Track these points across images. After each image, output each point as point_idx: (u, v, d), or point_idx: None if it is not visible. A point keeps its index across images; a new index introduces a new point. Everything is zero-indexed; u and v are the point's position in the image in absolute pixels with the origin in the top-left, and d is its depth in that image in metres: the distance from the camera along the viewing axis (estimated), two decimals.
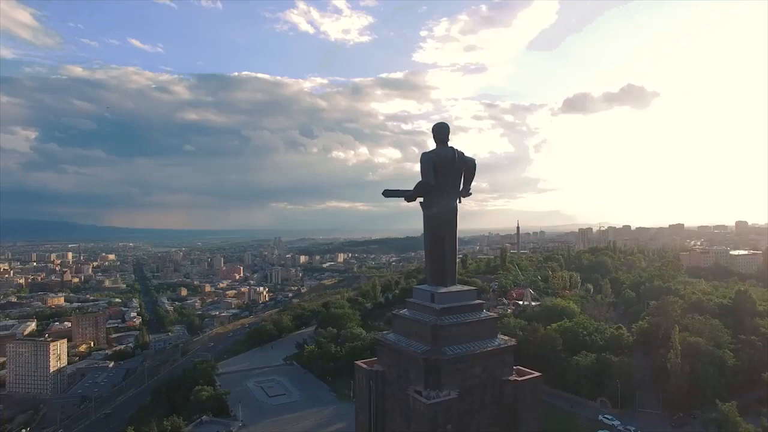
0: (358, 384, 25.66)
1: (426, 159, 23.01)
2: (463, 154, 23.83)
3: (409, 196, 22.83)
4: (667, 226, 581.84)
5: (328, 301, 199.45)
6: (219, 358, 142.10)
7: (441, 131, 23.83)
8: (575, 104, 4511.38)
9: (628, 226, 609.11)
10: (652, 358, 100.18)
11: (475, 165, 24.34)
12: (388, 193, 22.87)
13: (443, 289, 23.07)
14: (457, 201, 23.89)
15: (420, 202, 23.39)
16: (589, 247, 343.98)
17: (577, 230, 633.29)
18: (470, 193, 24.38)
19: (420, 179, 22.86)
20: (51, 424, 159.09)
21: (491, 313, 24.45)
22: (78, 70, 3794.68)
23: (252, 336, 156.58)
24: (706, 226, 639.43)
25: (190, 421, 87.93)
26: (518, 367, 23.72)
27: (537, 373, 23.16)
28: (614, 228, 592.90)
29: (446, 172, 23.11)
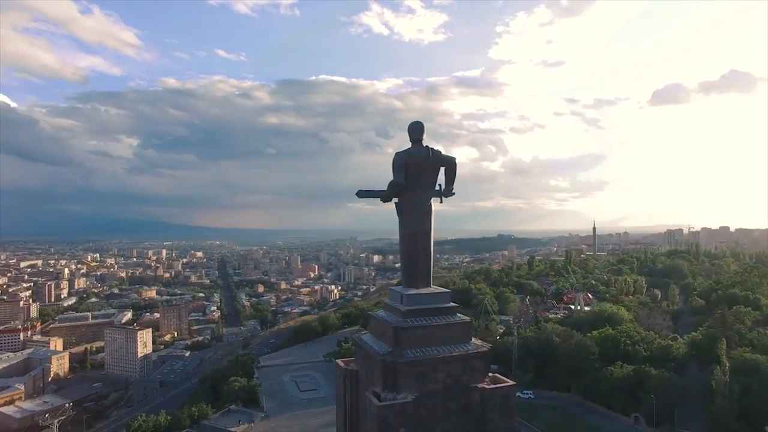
0: (336, 382, 26.01)
1: (398, 158, 23.02)
2: (439, 153, 23.45)
3: (382, 196, 22.75)
4: None
5: (381, 300, 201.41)
6: (266, 352, 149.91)
7: (415, 130, 23.81)
8: (666, 96, 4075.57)
9: (726, 228, 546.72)
10: (706, 375, 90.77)
11: (455, 164, 23.95)
12: (362, 194, 22.76)
13: (412, 291, 22.85)
14: (438, 201, 23.70)
15: (395, 203, 23.35)
16: (667, 250, 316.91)
17: (664, 231, 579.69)
18: (453, 193, 23.97)
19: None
20: (134, 403, 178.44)
21: (464, 317, 23.73)
22: (172, 82, 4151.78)
23: (297, 332, 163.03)
24: None
25: (221, 409, 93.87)
26: (495, 374, 23.02)
27: (511, 382, 22.42)
28: (709, 230, 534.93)
29: (419, 172, 22.95)
